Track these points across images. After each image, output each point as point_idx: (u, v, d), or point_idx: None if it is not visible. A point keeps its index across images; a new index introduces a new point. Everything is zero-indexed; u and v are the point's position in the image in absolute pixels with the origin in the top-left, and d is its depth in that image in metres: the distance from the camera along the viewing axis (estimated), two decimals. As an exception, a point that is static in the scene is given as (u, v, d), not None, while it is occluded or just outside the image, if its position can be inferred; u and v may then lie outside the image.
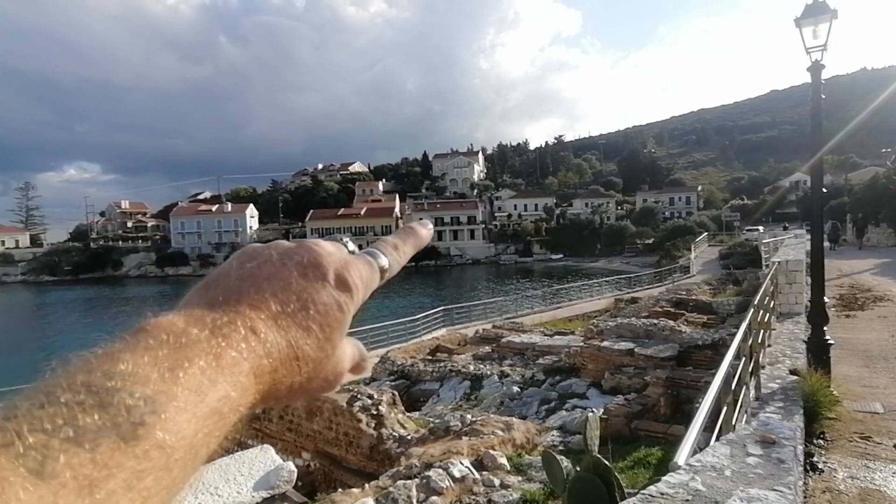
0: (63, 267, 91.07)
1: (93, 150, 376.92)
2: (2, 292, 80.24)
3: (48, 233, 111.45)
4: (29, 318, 57.02)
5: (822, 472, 4.36)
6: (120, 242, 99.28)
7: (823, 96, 5.85)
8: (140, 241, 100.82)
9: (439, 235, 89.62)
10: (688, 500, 1.87)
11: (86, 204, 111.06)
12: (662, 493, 1.93)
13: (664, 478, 2.08)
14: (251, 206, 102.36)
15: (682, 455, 2.14)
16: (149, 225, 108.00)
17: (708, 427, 3.18)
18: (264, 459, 5.91)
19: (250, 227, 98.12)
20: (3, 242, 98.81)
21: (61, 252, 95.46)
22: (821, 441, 4.94)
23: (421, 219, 0.62)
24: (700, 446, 2.60)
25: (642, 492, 2.01)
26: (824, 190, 6.24)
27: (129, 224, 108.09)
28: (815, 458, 4.54)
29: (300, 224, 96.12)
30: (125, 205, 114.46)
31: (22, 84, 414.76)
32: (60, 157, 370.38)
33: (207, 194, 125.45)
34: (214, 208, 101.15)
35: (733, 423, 3.77)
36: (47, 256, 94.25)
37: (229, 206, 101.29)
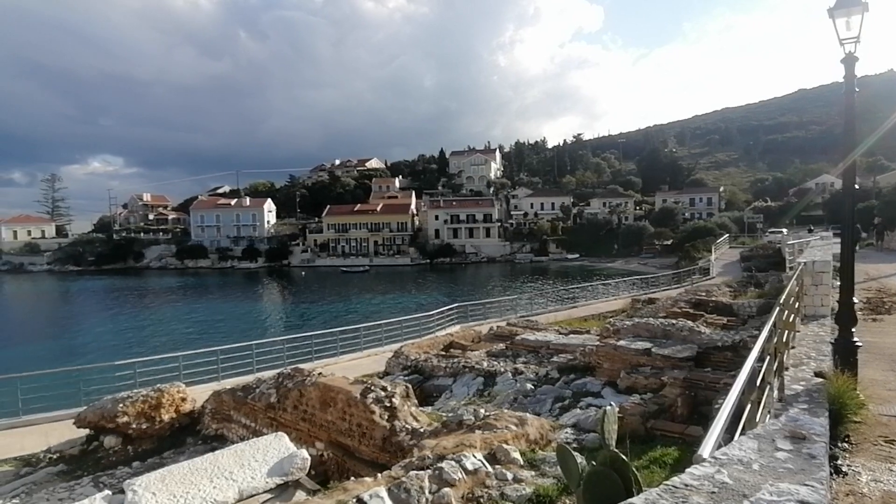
0: (87, 257, 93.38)
1: (116, 143, 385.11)
2: (28, 281, 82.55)
3: (73, 224, 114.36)
4: (55, 306, 58.56)
5: (846, 474, 4.24)
6: (142, 234, 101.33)
7: (857, 89, 5.68)
8: (161, 234, 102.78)
9: (455, 233, 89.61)
10: (714, 493, 1.80)
11: (109, 196, 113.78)
12: (687, 485, 1.87)
13: (688, 469, 2.02)
14: (269, 200, 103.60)
15: (706, 448, 2.07)
16: (169, 218, 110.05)
17: (728, 430, 3.09)
18: (278, 446, 5.96)
19: (268, 222, 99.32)
20: (29, 232, 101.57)
21: (85, 243, 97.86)
22: (845, 444, 4.80)
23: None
24: (722, 443, 2.52)
25: (665, 483, 1.95)
26: (856, 186, 6.05)
27: (151, 216, 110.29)
28: (839, 461, 4.40)
29: (317, 219, 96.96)
30: (147, 197, 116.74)
31: (47, 78, 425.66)
32: (85, 150, 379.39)
33: (226, 188, 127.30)
34: (233, 202, 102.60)
35: (756, 422, 3.67)
36: (72, 247, 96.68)
37: (248, 201, 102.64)
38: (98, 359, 25.04)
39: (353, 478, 5.82)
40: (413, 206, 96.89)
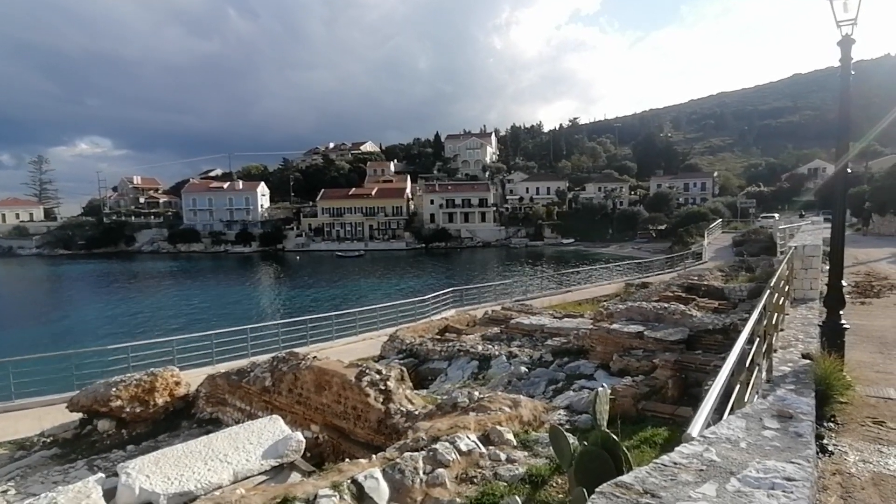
0: (77, 241, 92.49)
1: (104, 124, 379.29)
2: (17, 265, 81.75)
3: (61, 207, 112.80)
4: (47, 290, 58.11)
5: (833, 454, 4.30)
6: (133, 218, 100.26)
7: (853, 72, 5.66)
8: (152, 217, 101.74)
9: (450, 217, 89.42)
10: (702, 470, 1.83)
11: (98, 179, 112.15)
12: (675, 463, 1.90)
13: (677, 448, 2.05)
14: (262, 184, 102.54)
15: (695, 427, 2.10)
16: (161, 201, 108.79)
17: (717, 410, 3.14)
18: (273, 429, 6.00)
19: (261, 206, 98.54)
20: (17, 215, 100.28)
21: (75, 226, 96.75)
22: (832, 424, 4.87)
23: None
24: (711, 423, 2.56)
25: (654, 461, 1.98)
26: (848, 170, 6.06)
27: (142, 200, 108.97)
28: (825, 441, 4.47)
29: (311, 203, 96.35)
30: (137, 180, 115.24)
31: (32, 57, 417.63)
32: (72, 131, 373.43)
33: (219, 171, 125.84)
34: (226, 185, 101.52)
35: (745, 402, 3.72)
36: (61, 230, 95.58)
37: (240, 184, 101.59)
38: (91, 343, 24.99)
39: (348, 459, 5.87)
40: (408, 191, 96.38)
